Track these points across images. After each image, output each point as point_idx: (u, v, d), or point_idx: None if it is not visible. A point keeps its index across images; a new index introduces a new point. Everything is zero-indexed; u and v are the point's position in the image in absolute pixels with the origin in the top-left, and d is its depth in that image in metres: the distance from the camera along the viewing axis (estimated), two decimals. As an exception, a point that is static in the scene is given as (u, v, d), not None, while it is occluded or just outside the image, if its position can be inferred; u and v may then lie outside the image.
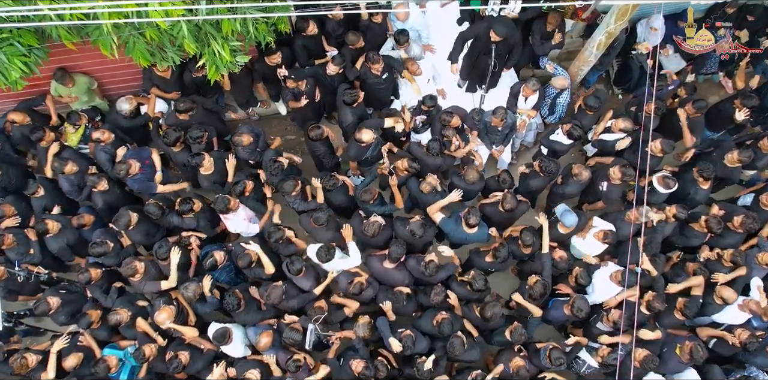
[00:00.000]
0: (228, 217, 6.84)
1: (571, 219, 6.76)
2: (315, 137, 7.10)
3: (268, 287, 6.29)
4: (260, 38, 6.17)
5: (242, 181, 6.85)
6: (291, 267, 6.41)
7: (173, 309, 6.29)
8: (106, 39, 5.64)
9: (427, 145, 7.02)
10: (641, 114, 7.41)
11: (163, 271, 6.71)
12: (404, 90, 8.16)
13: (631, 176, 6.89)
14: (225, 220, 6.93)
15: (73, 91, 7.55)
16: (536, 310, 6.61)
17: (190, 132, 7.03)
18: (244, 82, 7.96)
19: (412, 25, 7.76)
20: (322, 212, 6.57)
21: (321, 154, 7.47)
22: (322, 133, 7.12)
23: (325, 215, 6.55)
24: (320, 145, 7.34)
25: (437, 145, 6.97)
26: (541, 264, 6.76)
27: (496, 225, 7.03)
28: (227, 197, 6.61)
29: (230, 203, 6.59)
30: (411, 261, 6.66)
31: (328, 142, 7.47)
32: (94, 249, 6.55)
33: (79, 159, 7.28)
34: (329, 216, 6.63)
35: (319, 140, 7.17)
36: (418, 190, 6.95)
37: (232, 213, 6.75)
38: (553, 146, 7.54)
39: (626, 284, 6.42)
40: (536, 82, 7.49)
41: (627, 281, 6.40)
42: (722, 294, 6.55)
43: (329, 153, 7.55)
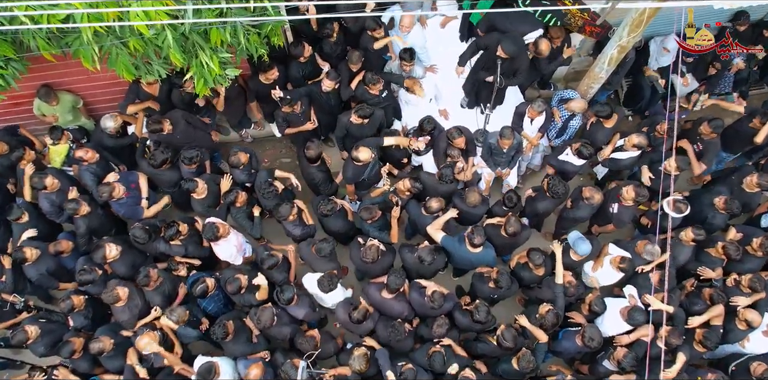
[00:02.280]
0: (219, 244, 6.53)
1: (584, 248, 6.44)
2: (312, 158, 6.74)
3: (258, 309, 5.96)
4: (252, 50, 5.80)
5: (235, 190, 6.61)
6: (281, 296, 6.10)
7: (157, 335, 5.95)
8: (87, 49, 5.28)
9: (440, 174, 6.74)
10: (653, 135, 7.19)
11: (147, 299, 6.39)
12: (406, 111, 7.85)
13: (645, 197, 6.66)
14: (215, 247, 6.61)
15: (57, 109, 7.23)
16: (542, 335, 6.21)
17: (184, 153, 6.76)
18: (238, 102, 7.64)
19: (412, 44, 7.44)
20: (326, 243, 6.29)
21: (318, 182, 7.12)
22: (320, 153, 6.77)
23: (329, 246, 6.29)
24: (317, 171, 7.00)
25: (450, 172, 6.68)
26: (553, 293, 6.37)
27: (498, 249, 6.68)
28: (216, 224, 6.34)
29: (219, 230, 6.32)
30: (413, 292, 6.29)
31: (325, 167, 7.13)
32: (82, 276, 6.25)
33: (62, 177, 6.92)
34: (333, 248, 6.36)
35: (316, 163, 6.82)
36: (419, 212, 6.59)
37: (223, 239, 6.45)
38: (563, 167, 7.21)
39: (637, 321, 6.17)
40: (542, 103, 7.19)
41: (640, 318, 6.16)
42: (746, 317, 6.27)
43: (327, 180, 7.21)
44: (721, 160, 7.94)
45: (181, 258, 6.76)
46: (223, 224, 6.47)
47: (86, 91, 7.38)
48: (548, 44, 7.01)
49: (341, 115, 7.12)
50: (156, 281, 6.31)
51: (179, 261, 6.73)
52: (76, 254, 6.78)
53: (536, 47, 7.03)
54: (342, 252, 7.00)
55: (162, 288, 6.40)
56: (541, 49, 7.01)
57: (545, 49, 7.02)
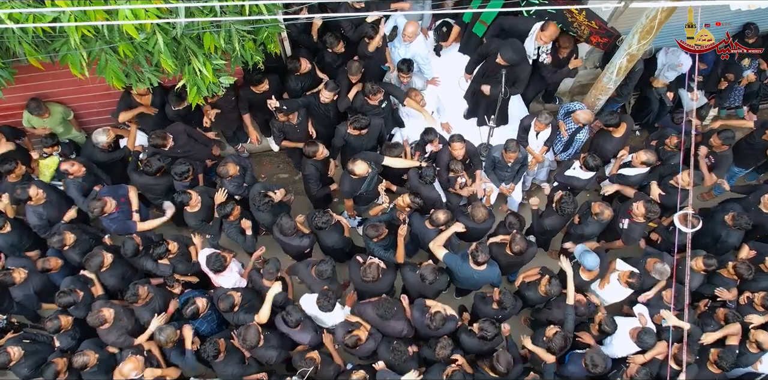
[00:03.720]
0: (224, 274, 6.30)
1: (591, 260, 6.21)
2: (308, 154, 6.54)
3: (243, 327, 5.67)
4: (247, 57, 5.59)
5: (231, 203, 6.41)
6: (288, 318, 5.79)
7: (141, 361, 5.67)
8: (75, 55, 5.06)
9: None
10: (662, 148, 7.03)
11: (136, 316, 6.14)
12: (407, 124, 7.66)
13: (657, 213, 6.42)
14: (218, 278, 6.36)
15: (48, 122, 6.99)
16: (548, 356, 5.95)
17: (175, 167, 6.52)
18: (232, 113, 7.40)
19: (414, 55, 7.26)
20: (326, 264, 6.04)
21: (308, 175, 6.88)
22: (317, 151, 6.53)
23: (329, 267, 6.03)
24: (310, 164, 6.76)
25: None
26: (562, 314, 6.12)
27: (502, 269, 6.42)
28: (223, 255, 6.15)
29: (226, 261, 6.12)
30: (416, 311, 6.05)
31: (320, 166, 6.91)
32: (62, 298, 5.98)
33: (49, 190, 6.69)
34: (334, 270, 6.11)
35: (312, 158, 6.61)
36: (422, 225, 6.34)
37: (227, 270, 6.25)
38: (570, 182, 6.99)
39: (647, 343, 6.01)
40: (548, 115, 6.98)
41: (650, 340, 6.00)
42: (757, 338, 6.05)
43: (318, 178, 6.95)
44: (732, 175, 7.76)
45: (180, 277, 6.55)
46: (229, 253, 6.31)
47: (77, 102, 7.16)
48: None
49: (339, 125, 6.92)
50: (145, 298, 6.07)
51: (177, 278, 6.52)
52: (65, 270, 6.54)
53: (543, 30, 6.78)
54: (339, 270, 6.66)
55: (152, 305, 6.16)
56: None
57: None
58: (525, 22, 6.86)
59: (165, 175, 6.69)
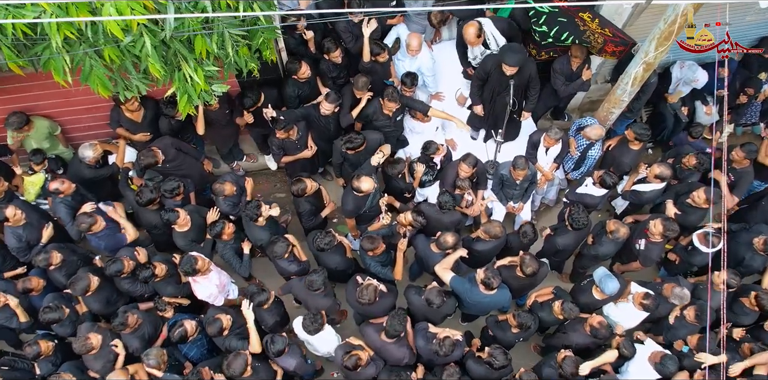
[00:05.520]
0: (197, 280, 5.99)
1: (612, 286, 5.93)
2: (297, 192, 6.20)
3: (231, 355, 5.32)
4: (241, 64, 5.28)
5: (222, 221, 6.08)
6: (272, 346, 5.53)
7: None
8: (58, 60, 4.75)
9: (439, 202, 6.16)
10: (679, 166, 6.82)
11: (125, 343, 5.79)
12: (411, 140, 7.38)
13: (675, 232, 6.19)
14: (193, 284, 6.07)
15: (33, 136, 6.68)
16: None
17: (164, 184, 6.25)
18: (227, 129, 7.10)
19: (420, 67, 7.02)
20: (317, 274, 5.75)
21: (302, 212, 6.59)
22: (305, 188, 6.17)
23: (320, 277, 5.71)
24: (304, 202, 6.44)
25: (449, 198, 6.11)
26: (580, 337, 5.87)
27: (513, 292, 6.14)
28: (196, 256, 5.83)
29: (197, 263, 5.78)
30: (419, 338, 5.76)
31: (313, 200, 6.55)
32: (46, 314, 5.72)
33: (29, 211, 6.38)
34: (325, 280, 5.78)
35: (302, 196, 6.27)
36: (427, 248, 6.05)
37: (202, 276, 5.94)
38: (583, 200, 6.69)
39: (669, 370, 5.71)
40: (558, 130, 6.72)
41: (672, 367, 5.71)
42: None
43: (311, 213, 6.63)
44: (751, 190, 7.46)
45: (170, 299, 6.23)
46: (204, 258, 5.95)
47: (64, 116, 6.85)
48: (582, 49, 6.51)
49: (337, 141, 6.62)
50: (134, 325, 5.75)
51: (168, 301, 6.20)
52: (46, 293, 6.19)
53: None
54: (341, 294, 6.45)
55: (141, 332, 5.84)
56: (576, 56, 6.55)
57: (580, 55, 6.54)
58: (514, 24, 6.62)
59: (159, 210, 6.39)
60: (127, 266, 5.82)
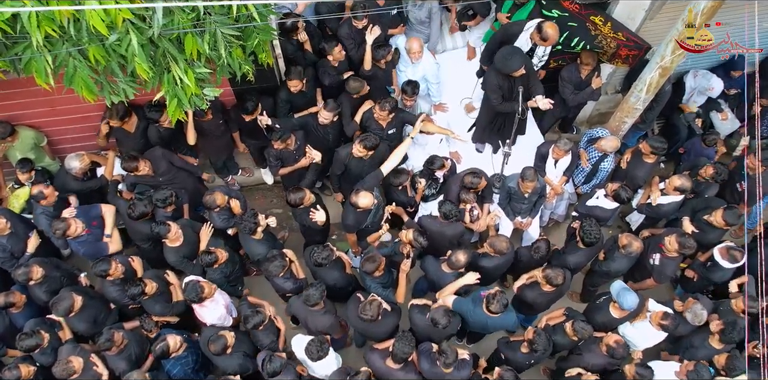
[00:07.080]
0: (205, 305, 5.73)
1: (630, 300, 5.62)
2: (294, 202, 5.92)
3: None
4: (235, 66, 4.99)
5: (214, 253, 5.80)
6: (267, 366, 5.19)
7: None
8: (39, 60, 4.45)
9: (443, 212, 5.85)
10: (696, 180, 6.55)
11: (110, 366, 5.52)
12: (413, 152, 7.06)
13: (692, 248, 5.88)
14: (199, 309, 5.79)
15: (17, 147, 6.41)
16: None
17: (156, 194, 5.98)
18: (221, 140, 6.82)
19: (424, 73, 6.78)
20: (314, 288, 5.42)
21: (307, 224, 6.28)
22: (304, 197, 5.89)
23: (318, 291, 5.41)
24: (303, 212, 6.16)
25: (452, 207, 5.83)
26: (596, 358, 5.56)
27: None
28: (200, 283, 5.58)
29: (204, 291, 5.53)
30: (423, 361, 5.42)
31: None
32: (23, 341, 5.37)
33: (16, 221, 6.15)
34: (323, 294, 5.46)
35: (300, 206, 5.98)
36: (438, 269, 5.81)
37: (209, 300, 5.69)
38: (593, 213, 6.39)
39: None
40: (568, 140, 6.44)
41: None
42: None
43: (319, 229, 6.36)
44: (767, 202, 7.20)
45: (158, 317, 5.92)
46: (209, 284, 5.67)
47: (51, 126, 6.57)
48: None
49: (339, 149, 6.33)
50: (120, 345, 5.43)
51: (156, 319, 5.90)
52: (29, 310, 5.92)
53: (540, 33, 5.90)
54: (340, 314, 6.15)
55: (127, 352, 5.52)
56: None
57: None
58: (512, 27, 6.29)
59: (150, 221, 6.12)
60: (114, 268, 5.54)
